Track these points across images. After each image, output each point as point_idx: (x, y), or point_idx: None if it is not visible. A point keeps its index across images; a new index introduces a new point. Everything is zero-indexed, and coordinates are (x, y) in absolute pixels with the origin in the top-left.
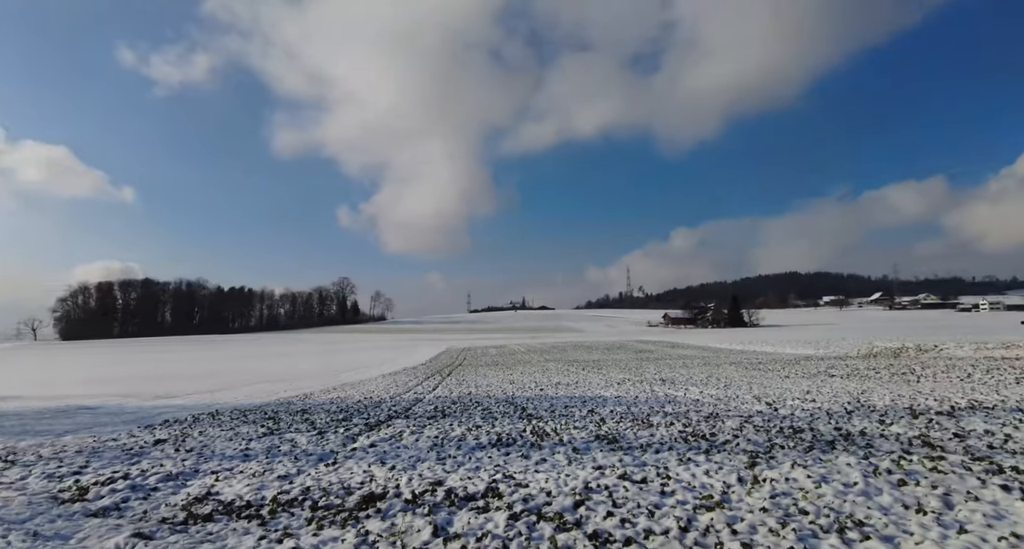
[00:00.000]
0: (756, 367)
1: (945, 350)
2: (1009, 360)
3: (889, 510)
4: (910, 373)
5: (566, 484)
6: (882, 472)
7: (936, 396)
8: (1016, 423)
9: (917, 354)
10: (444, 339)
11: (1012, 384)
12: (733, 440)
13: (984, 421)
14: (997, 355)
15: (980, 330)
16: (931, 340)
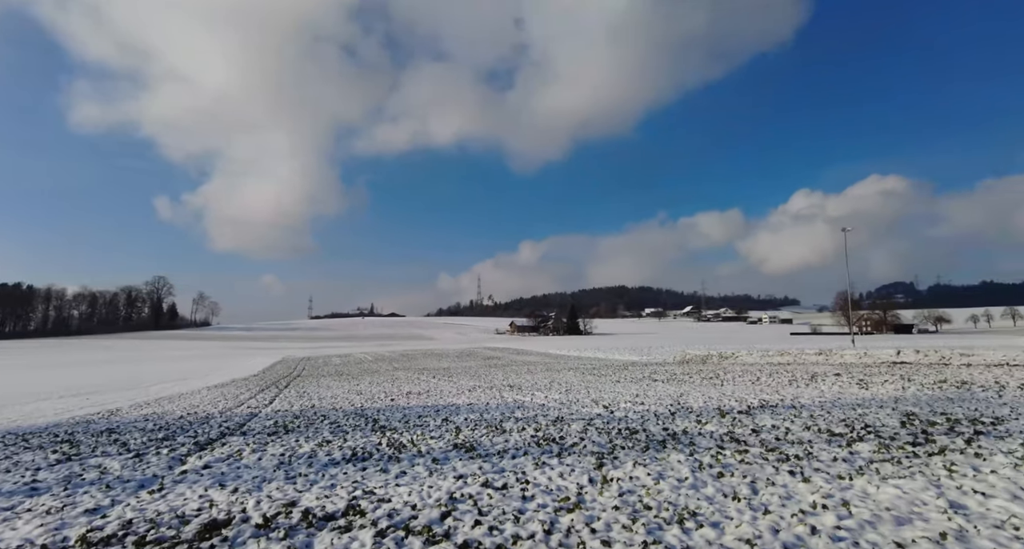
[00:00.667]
0: (592, 372)
1: (739, 357)
2: (784, 365)
3: (713, 500)
4: (716, 377)
5: (430, 496)
6: (705, 467)
7: (736, 397)
8: (792, 418)
9: (720, 361)
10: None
11: (787, 385)
12: (580, 442)
13: (771, 418)
14: (775, 361)
15: (764, 340)
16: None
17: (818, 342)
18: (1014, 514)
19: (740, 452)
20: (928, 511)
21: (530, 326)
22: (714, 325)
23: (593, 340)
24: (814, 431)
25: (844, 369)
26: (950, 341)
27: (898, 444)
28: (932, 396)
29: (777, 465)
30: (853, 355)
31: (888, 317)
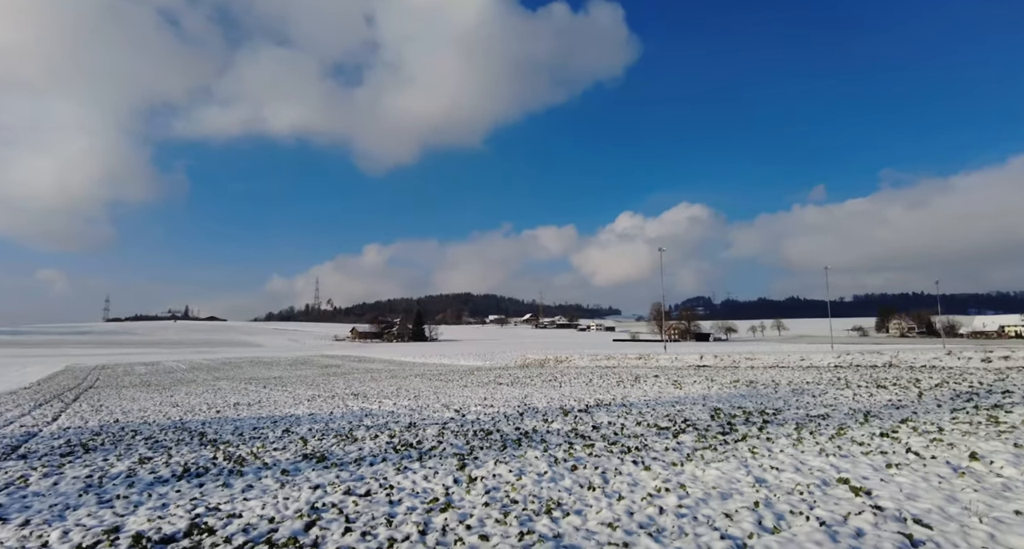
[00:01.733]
0: (439, 378)
1: (573, 361)
2: (611, 368)
3: (572, 491)
4: (554, 380)
5: (288, 507)
6: (560, 461)
7: (575, 397)
8: (625, 415)
9: (556, 364)
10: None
11: (616, 386)
12: (438, 446)
13: (607, 415)
14: (604, 364)
15: (592, 346)
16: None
17: (637, 348)
18: (798, 483)
19: (587, 446)
20: (742, 486)
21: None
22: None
23: (439, 346)
24: (645, 426)
25: (661, 371)
26: (737, 347)
27: (712, 434)
28: (730, 393)
29: (621, 456)
30: (666, 359)
31: (691, 326)
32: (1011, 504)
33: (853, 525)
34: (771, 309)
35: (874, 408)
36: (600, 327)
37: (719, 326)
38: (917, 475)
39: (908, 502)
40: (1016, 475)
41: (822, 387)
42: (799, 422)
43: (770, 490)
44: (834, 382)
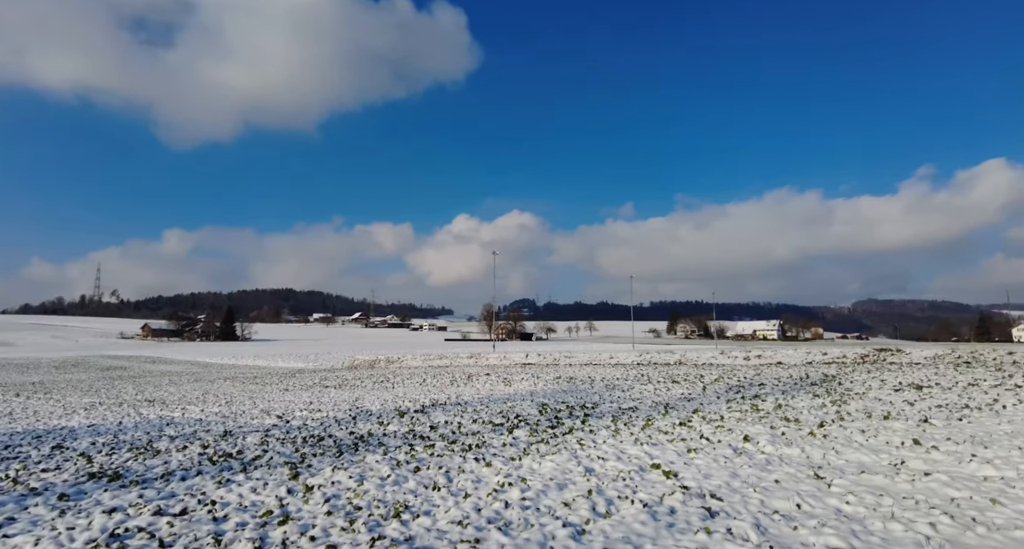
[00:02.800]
0: (254, 381)
1: (405, 361)
2: (443, 367)
3: (417, 492)
4: (386, 381)
5: (74, 540)
6: (402, 463)
7: (409, 398)
8: (461, 413)
9: (388, 365)
10: None
11: (449, 385)
12: (264, 455)
13: (444, 414)
14: (436, 364)
15: (425, 345)
16: (396, 353)
17: (468, 347)
18: (621, 470)
19: (428, 447)
20: (575, 476)
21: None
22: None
23: (253, 346)
24: (481, 423)
25: (491, 370)
26: (557, 346)
27: (542, 428)
28: (554, 389)
29: (463, 454)
30: (496, 358)
31: (518, 327)
32: (772, 475)
33: (668, 504)
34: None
35: (671, 401)
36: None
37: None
38: (709, 457)
39: (705, 480)
40: (773, 451)
41: (629, 382)
42: (614, 415)
43: (599, 478)
44: (639, 378)
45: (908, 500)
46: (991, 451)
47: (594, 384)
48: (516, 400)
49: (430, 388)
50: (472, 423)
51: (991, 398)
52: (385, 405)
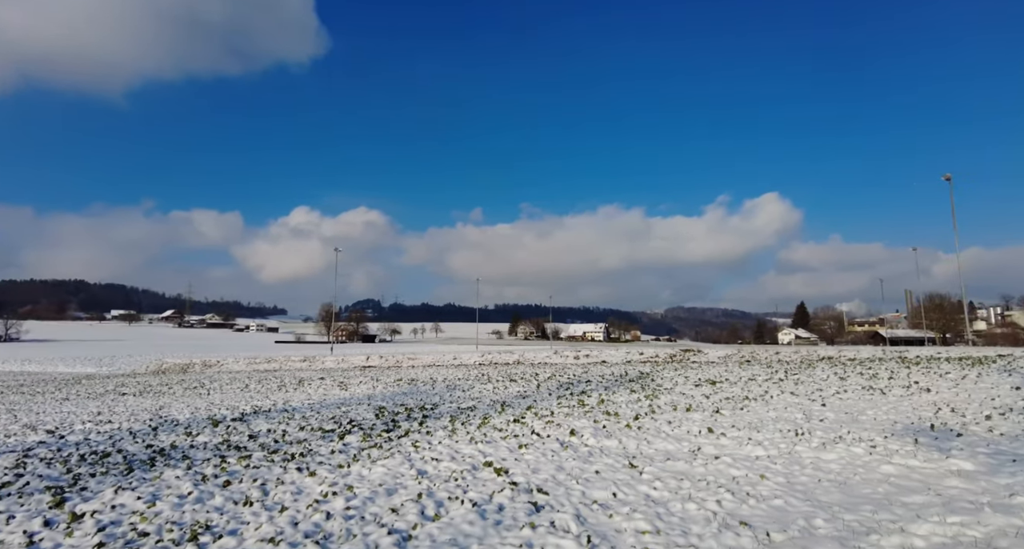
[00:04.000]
0: (19, 391)
1: (226, 365)
2: (272, 371)
3: (224, 509)
4: (200, 387)
5: None
6: (209, 478)
7: (227, 405)
8: (287, 420)
9: (203, 369)
10: None
11: (277, 390)
12: (16, 481)
13: (267, 422)
14: (263, 368)
15: (251, 347)
16: (214, 356)
17: (303, 350)
18: (454, 470)
19: (243, 458)
20: (407, 480)
21: None
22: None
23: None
24: (309, 430)
25: (327, 373)
26: (401, 348)
27: (377, 432)
28: (394, 392)
29: (284, 464)
30: (333, 361)
31: (360, 328)
32: (593, 466)
33: (497, 501)
34: (432, 313)
35: (508, 399)
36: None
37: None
38: (539, 452)
39: (533, 475)
40: (595, 444)
41: (470, 382)
42: (452, 415)
43: (431, 480)
44: (479, 378)
45: (701, 482)
46: (762, 434)
47: (436, 385)
48: (352, 404)
49: (253, 394)
50: (299, 430)
51: (763, 390)
52: (196, 414)
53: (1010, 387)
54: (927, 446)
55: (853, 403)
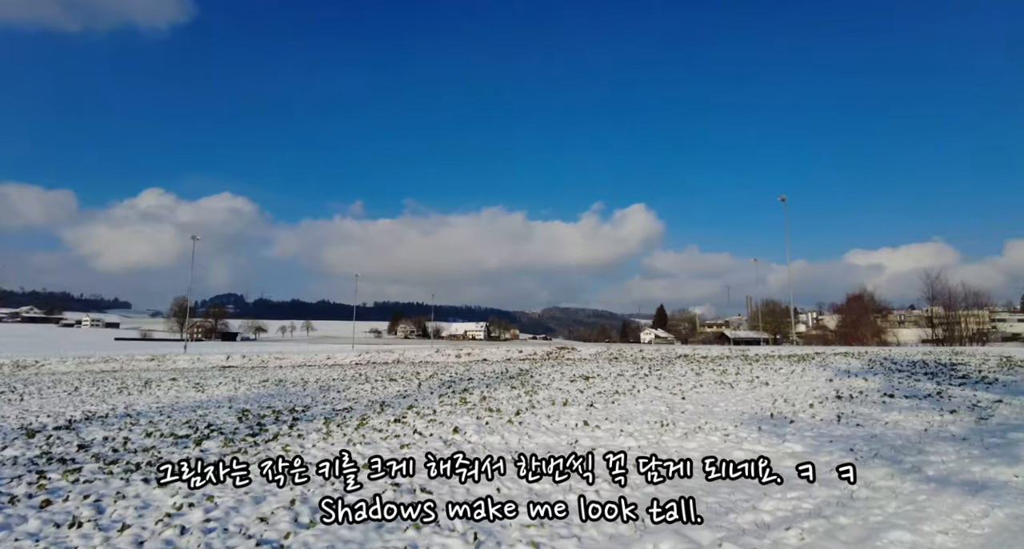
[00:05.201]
0: None
1: (47, 366)
2: (111, 372)
3: (42, 534)
4: (12, 391)
5: None
6: (21, 498)
7: (49, 412)
8: (130, 427)
9: (15, 371)
10: None
11: (117, 393)
12: None
13: (103, 429)
14: (100, 368)
15: (83, 345)
16: (32, 356)
17: (150, 348)
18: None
19: (71, 472)
20: (277, 487)
21: None
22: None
23: None
24: (158, 436)
25: (180, 374)
26: (267, 347)
27: (241, 436)
28: (259, 393)
29: (126, 476)
30: (187, 360)
31: (219, 325)
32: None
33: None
34: (303, 310)
35: (388, 399)
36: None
37: (250, 325)
38: (421, 451)
39: (417, 475)
40: (478, 440)
41: (346, 383)
42: (327, 416)
43: (304, 485)
44: (356, 378)
45: (585, 475)
46: (632, 426)
47: (307, 386)
48: (210, 407)
49: (86, 398)
50: (145, 437)
51: (631, 385)
52: (4, 423)
53: (825, 379)
54: (768, 433)
55: (708, 396)
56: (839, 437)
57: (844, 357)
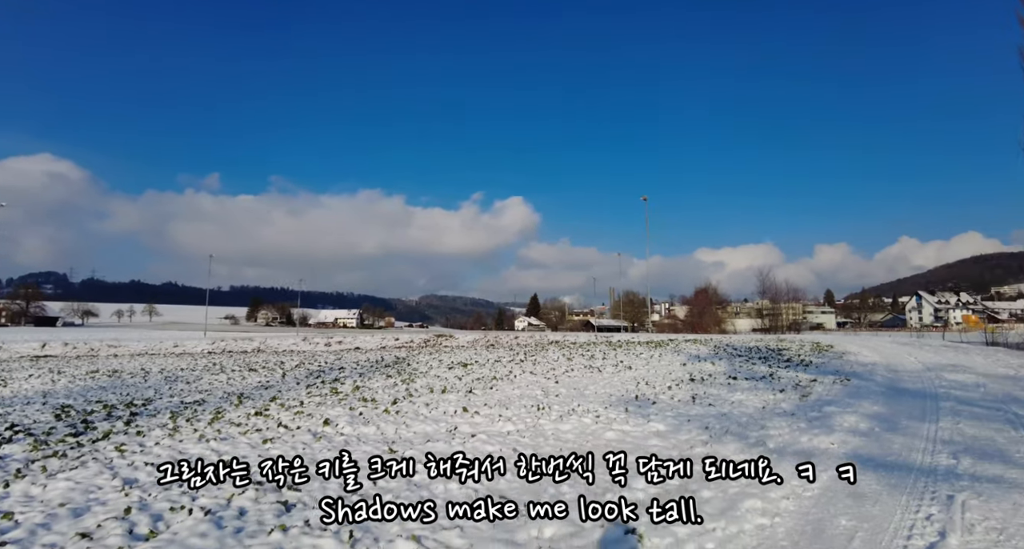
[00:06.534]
0: None
1: None
2: None
3: None
4: None
5: None
6: None
7: None
8: None
9: None
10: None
11: None
12: None
13: None
14: None
15: None
16: None
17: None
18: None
19: None
20: (107, 493)
21: None
22: None
23: None
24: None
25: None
26: (98, 334)
27: (57, 438)
28: (86, 386)
29: None
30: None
31: (32, 308)
32: (351, 456)
33: (237, 505)
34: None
35: (247, 390)
36: None
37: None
38: (287, 445)
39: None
40: (351, 432)
41: (197, 373)
42: (174, 410)
43: (144, 490)
44: (209, 368)
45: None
46: (510, 411)
47: (149, 377)
48: (15, 405)
49: None
50: None
51: (508, 370)
52: None
53: (680, 364)
54: (635, 414)
55: (579, 380)
56: (695, 416)
57: (694, 343)
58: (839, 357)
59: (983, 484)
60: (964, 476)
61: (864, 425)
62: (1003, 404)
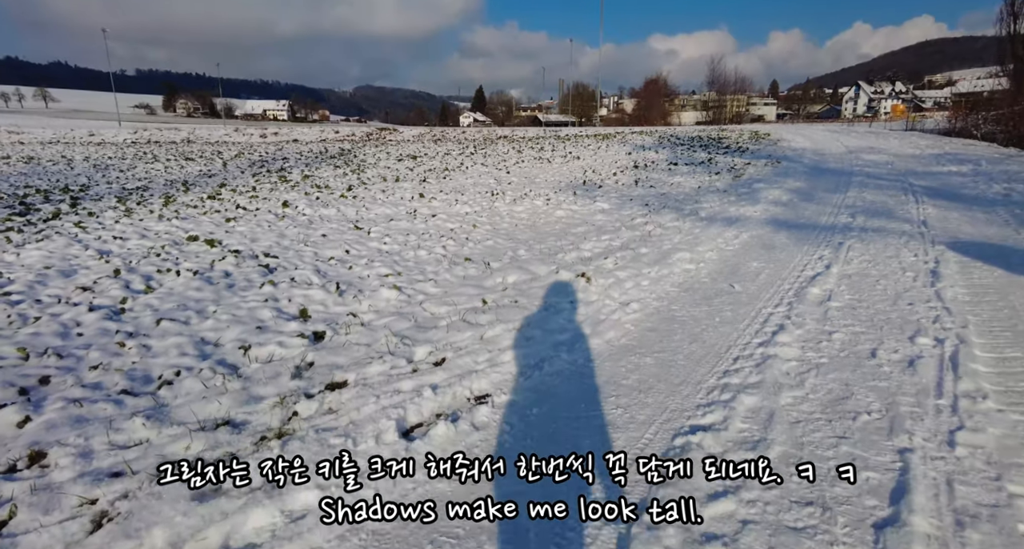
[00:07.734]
0: None
1: None
2: None
3: None
4: None
5: None
6: None
7: None
8: None
9: None
10: None
11: None
12: None
13: None
14: None
15: None
16: None
17: None
18: (151, 246)
19: None
20: (87, 260)
21: None
22: None
23: None
24: None
25: None
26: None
27: (3, 217)
28: (2, 172)
29: None
30: None
31: None
32: (319, 231)
33: (221, 268)
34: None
35: (190, 178)
36: None
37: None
38: (252, 223)
39: (254, 244)
40: (313, 213)
41: (129, 162)
42: (119, 195)
43: (124, 258)
44: (141, 157)
45: (425, 235)
46: (466, 196)
47: (74, 164)
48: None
49: None
50: None
51: (459, 163)
52: None
53: (625, 153)
54: (582, 196)
55: (529, 170)
56: (637, 196)
57: (640, 135)
58: (774, 144)
59: (868, 233)
60: (855, 229)
61: (786, 197)
62: (902, 176)
